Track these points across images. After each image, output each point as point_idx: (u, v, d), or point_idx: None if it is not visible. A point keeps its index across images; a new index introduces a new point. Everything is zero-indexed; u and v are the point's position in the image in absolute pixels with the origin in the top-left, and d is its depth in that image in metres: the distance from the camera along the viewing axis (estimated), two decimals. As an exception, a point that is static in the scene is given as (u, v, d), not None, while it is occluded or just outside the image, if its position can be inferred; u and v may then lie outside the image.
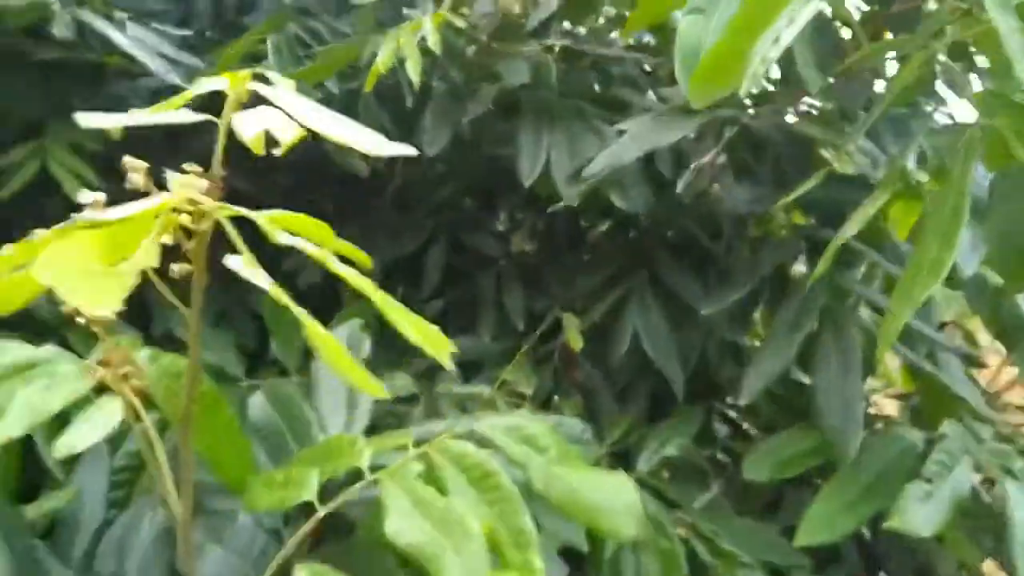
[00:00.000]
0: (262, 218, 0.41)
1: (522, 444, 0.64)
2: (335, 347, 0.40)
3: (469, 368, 1.16)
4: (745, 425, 1.26)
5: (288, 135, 0.39)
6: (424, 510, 0.56)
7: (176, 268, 0.45)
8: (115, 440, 0.86)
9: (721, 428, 1.30)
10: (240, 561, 0.64)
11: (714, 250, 1.12)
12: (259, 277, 0.38)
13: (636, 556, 0.99)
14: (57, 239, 0.35)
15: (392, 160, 1.32)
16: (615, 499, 0.62)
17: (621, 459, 1.06)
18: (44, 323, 0.93)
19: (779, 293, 1.07)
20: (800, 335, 0.97)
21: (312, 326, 0.39)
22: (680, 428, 1.07)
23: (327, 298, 1.23)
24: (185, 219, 0.41)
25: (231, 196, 0.55)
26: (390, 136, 1.24)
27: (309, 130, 0.42)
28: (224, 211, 0.42)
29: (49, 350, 0.55)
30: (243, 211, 0.40)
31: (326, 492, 0.62)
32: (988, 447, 0.92)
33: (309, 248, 0.41)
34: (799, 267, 1.06)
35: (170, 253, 0.42)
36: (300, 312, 0.39)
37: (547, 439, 0.65)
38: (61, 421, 0.51)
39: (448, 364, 0.44)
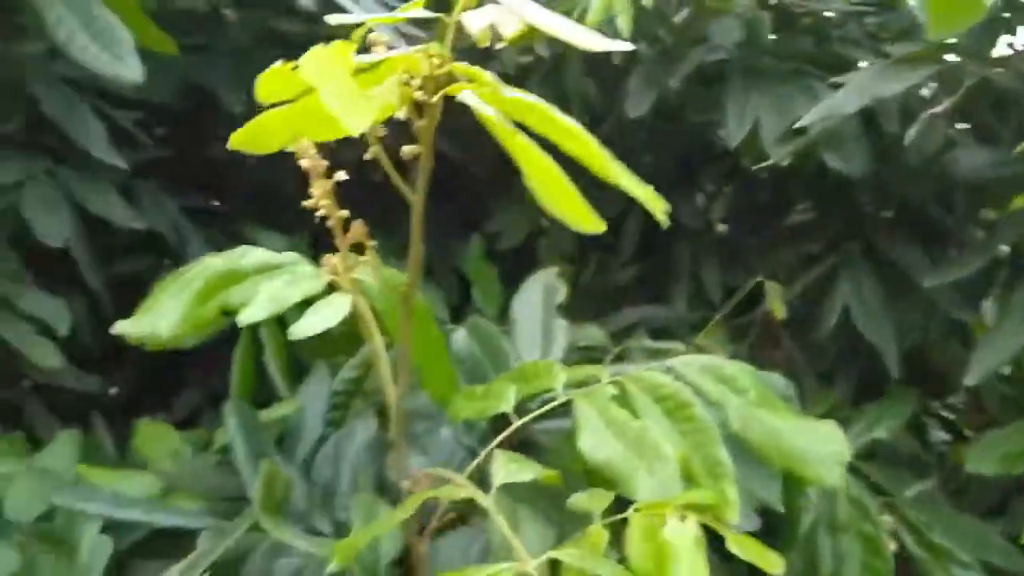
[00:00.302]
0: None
1: (720, 384, 0.63)
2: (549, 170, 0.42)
3: (661, 335, 1.14)
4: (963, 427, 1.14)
5: (510, 28, 0.41)
6: (617, 430, 0.57)
7: (407, 150, 0.48)
8: (334, 369, 0.95)
9: (934, 424, 1.19)
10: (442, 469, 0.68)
11: (943, 221, 1.02)
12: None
13: (834, 538, 0.93)
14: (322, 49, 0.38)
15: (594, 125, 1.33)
16: (821, 446, 0.59)
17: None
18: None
19: (1017, 272, 0.96)
20: (1044, 313, 0.86)
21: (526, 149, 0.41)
22: (892, 410, 0.99)
23: (527, 261, 1.27)
24: (417, 94, 0.44)
25: (439, 163, 0.58)
26: (594, 103, 1.25)
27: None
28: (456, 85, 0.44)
29: (288, 255, 0.62)
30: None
31: (522, 414, 0.64)
32: None
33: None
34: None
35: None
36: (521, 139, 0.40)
37: (746, 381, 0.63)
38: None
39: (663, 220, 0.44)
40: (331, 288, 0.58)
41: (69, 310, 1.03)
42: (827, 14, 1.17)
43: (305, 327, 0.54)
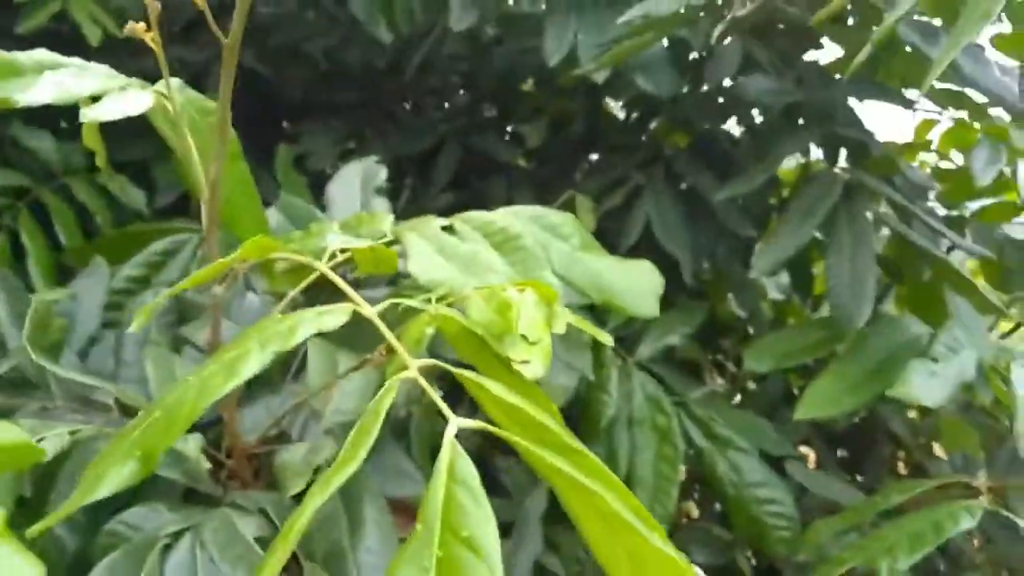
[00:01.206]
0: None
1: (545, 231, 0.64)
2: None
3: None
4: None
5: None
6: (448, 254, 0.55)
7: None
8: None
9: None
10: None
11: (733, 147, 1.12)
12: None
13: (631, 430, 0.98)
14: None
15: (410, 56, 1.31)
16: (639, 280, 0.61)
17: (622, 344, 1.06)
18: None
19: (794, 188, 1.07)
20: (815, 220, 0.96)
21: None
22: (684, 318, 1.06)
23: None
24: None
25: (251, 81, 0.54)
26: (416, 14, 1.22)
27: None
28: None
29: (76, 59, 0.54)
30: None
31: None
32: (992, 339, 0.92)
33: None
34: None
35: None
36: None
37: (570, 228, 0.64)
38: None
39: None
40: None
41: None
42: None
43: (102, 111, 0.47)
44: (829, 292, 0.94)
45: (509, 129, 1.44)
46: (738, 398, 1.27)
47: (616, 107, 1.45)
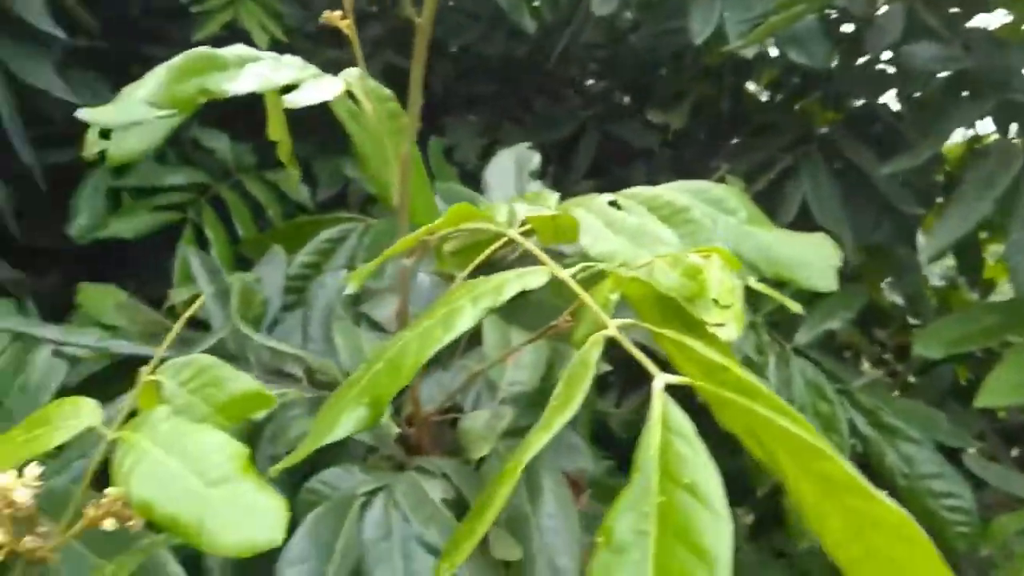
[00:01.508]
0: None
1: (710, 205, 0.63)
2: None
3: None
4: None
5: None
6: (616, 228, 0.56)
7: None
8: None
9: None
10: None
11: (895, 121, 1.06)
12: None
13: (792, 416, 0.95)
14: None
15: (549, 46, 1.33)
16: (813, 253, 0.59)
17: (777, 330, 1.02)
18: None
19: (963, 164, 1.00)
20: (992, 195, 0.90)
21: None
22: (845, 302, 1.02)
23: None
24: None
25: (394, 77, 0.57)
26: (559, 1, 1.24)
27: None
28: None
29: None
30: None
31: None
32: None
33: None
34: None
35: None
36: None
37: (735, 201, 0.63)
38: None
39: None
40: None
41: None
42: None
43: (301, 97, 0.51)
44: (1012, 272, 0.87)
45: (648, 115, 1.43)
46: (896, 392, 1.21)
47: (758, 90, 1.41)
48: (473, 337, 0.75)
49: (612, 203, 0.61)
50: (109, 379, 0.63)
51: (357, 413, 0.35)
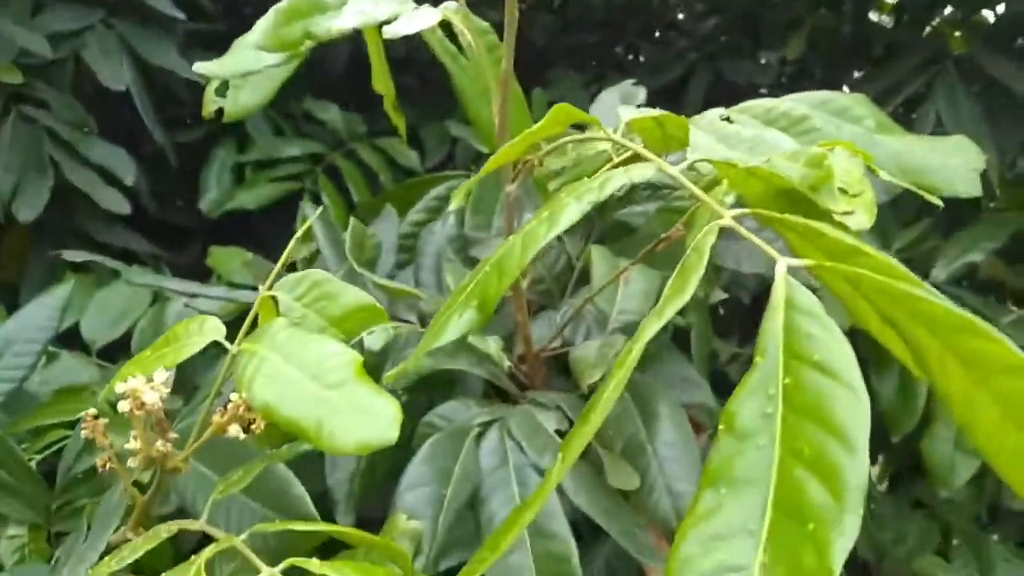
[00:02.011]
0: None
1: (834, 116, 0.58)
2: None
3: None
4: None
5: None
6: (731, 142, 0.53)
7: None
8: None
9: None
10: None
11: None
12: None
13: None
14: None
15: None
16: (953, 156, 0.54)
17: (911, 266, 0.95)
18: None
19: None
20: None
21: None
22: (989, 232, 0.93)
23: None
24: None
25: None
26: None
27: None
28: None
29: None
30: None
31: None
32: None
33: None
34: None
35: None
36: None
37: (862, 110, 0.58)
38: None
39: None
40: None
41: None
42: None
43: (399, 27, 0.51)
44: None
45: (760, 53, 1.36)
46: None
47: (881, 19, 1.31)
48: (581, 279, 0.74)
49: (724, 119, 0.58)
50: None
51: (466, 316, 0.35)
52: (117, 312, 0.80)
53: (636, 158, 0.50)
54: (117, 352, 0.81)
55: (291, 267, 0.88)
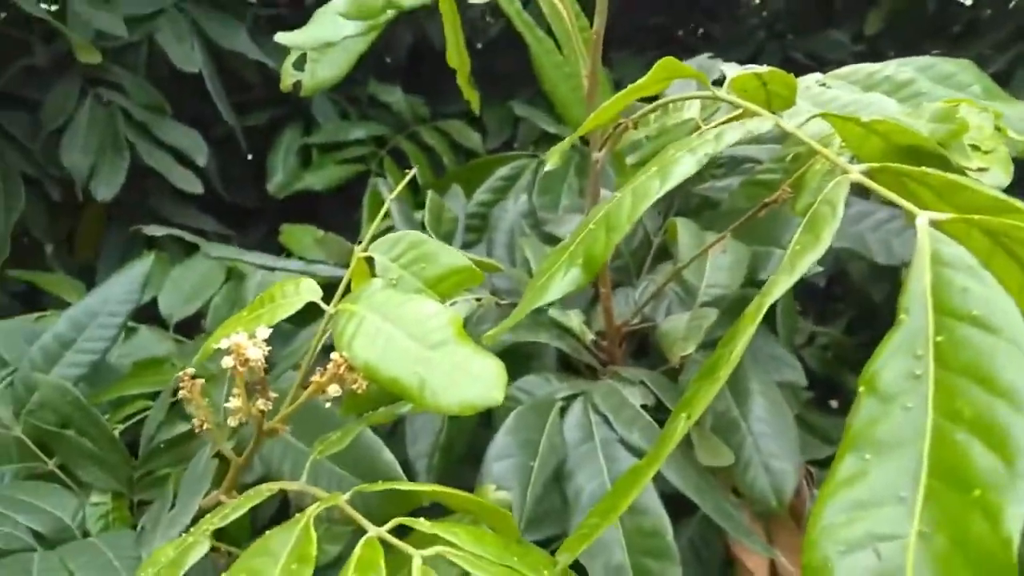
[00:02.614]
0: None
1: (938, 83, 0.55)
2: None
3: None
4: None
5: None
6: (828, 108, 0.50)
7: None
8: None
9: None
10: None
11: None
12: None
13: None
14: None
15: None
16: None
17: None
18: None
19: None
20: None
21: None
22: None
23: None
24: None
25: None
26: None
27: None
28: None
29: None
30: None
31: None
32: None
33: None
34: None
35: None
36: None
37: (968, 75, 0.55)
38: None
39: None
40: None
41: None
42: None
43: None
44: None
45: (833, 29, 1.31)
46: None
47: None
48: (659, 255, 0.72)
49: (821, 84, 0.56)
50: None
51: (571, 274, 0.34)
52: (192, 288, 0.81)
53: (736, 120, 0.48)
54: (191, 328, 0.82)
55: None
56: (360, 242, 0.92)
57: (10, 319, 0.76)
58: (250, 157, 1.22)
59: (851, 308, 1.00)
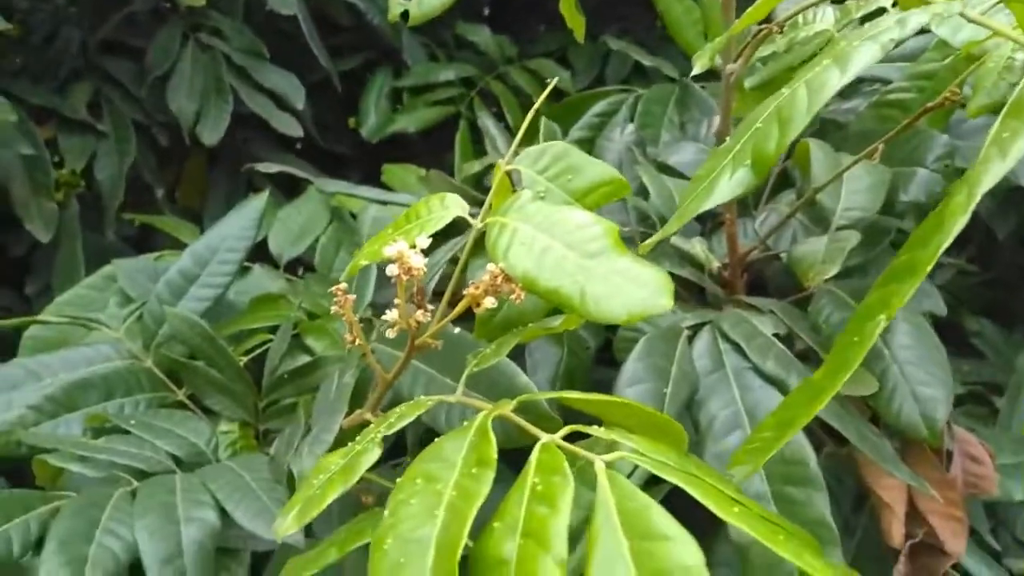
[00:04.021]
0: None
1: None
2: None
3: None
4: None
5: None
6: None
7: None
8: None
9: None
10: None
11: None
12: None
13: None
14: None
15: None
16: None
17: None
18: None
19: None
20: None
21: None
22: None
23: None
24: None
25: None
26: None
27: None
28: None
29: None
30: None
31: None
32: None
33: None
34: None
35: None
36: None
37: None
38: None
39: None
40: None
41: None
42: None
43: None
44: None
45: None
46: None
47: None
48: (778, 183, 0.69)
49: None
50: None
51: (739, 174, 0.32)
52: (300, 228, 0.82)
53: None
54: (295, 268, 0.84)
55: (465, 180, 0.88)
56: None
57: (130, 259, 0.79)
58: (340, 102, 1.22)
59: (972, 245, 0.95)
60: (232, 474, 0.54)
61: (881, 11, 0.54)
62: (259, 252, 0.82)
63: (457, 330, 0.44)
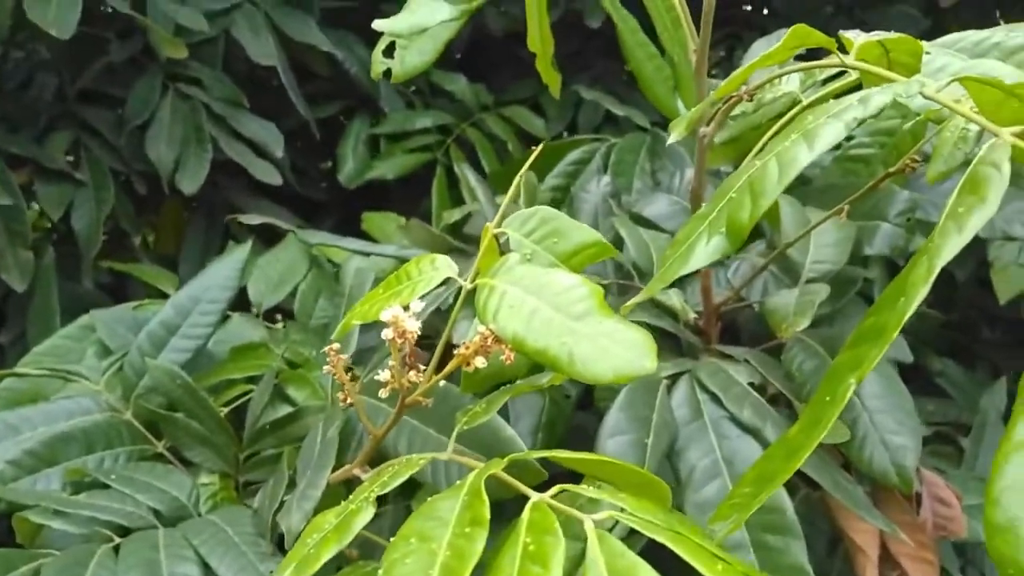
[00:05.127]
0: None
1: (1048, 48, 0.54)
2: None
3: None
4: None
5: None
6: (937, 77, 0.49)
7: None
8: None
9: None
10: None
11: None
12: None
13: None
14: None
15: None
16: None
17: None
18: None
19: None
20: None
21: None
22: None
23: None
24: None
25: None
26: None
27: None
28: None
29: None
30: None
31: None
32: None
33: None
34: None
35: None
36: None
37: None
38: None
39: None
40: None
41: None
42: None
43: None
44: None
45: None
46: None
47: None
48: (752, 234, 0.72)
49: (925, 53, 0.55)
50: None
51: (714, 242, 0.34)
52: (279, 276, 0.83)
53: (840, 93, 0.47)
54: (273, 316, 0.84)
55: (443, 228, 0.89)
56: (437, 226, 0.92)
57: (108, 308, 0.79)
58: (317, 149, 1.23)
59: (932, 289, 0.98)
60: (215, 528, 0.54)
61: (841, 74, 0.57)
62: (237, 299, 0.83)
63: (443, 383, 0.45)
